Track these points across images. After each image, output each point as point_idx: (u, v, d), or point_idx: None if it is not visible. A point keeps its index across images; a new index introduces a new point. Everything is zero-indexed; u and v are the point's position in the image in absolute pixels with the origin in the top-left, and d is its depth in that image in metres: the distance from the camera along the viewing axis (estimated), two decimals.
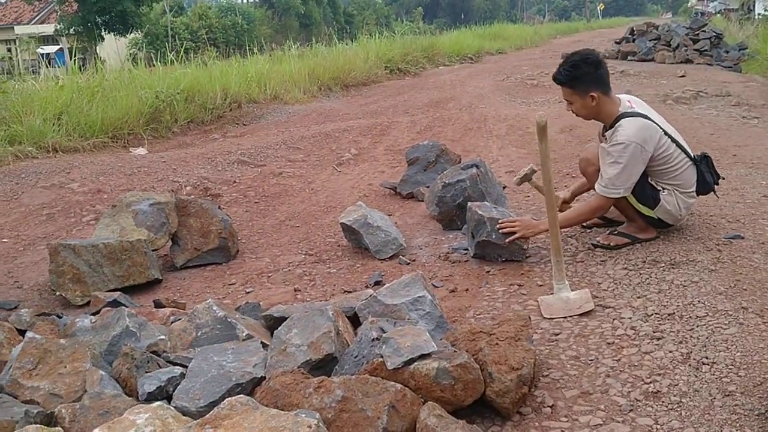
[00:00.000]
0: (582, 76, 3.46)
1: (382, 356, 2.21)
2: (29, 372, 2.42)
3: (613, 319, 2.86)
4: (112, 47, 28.25)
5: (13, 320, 2.94)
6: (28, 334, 2.62)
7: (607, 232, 3.79)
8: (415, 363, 2.17)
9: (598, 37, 31.94)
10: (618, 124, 3.48)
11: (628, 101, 3.59)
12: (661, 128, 3.52)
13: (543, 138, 2.95)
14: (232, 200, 5.52)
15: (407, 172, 5.30)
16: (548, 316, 2.95)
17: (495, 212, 3.65)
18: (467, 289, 3.35)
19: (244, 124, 9.78)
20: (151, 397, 2.26)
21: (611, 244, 3.66)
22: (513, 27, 36.00)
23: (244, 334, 2.67)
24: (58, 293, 3.70)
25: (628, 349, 2.60)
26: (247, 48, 14.15)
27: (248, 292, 3.66)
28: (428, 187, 4.93)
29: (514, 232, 3.52)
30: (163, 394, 2.30)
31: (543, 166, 3.04)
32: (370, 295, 2.77)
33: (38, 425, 2.08)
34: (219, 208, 4.40)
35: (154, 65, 11.43)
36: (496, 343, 2.30)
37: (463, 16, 59.11)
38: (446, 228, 4.33)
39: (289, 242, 4.47)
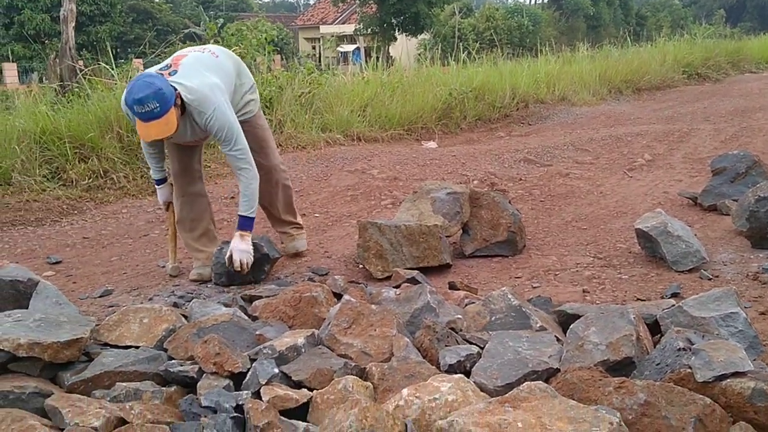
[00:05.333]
0: None
1: (690, 367, 2.10)
2: (344, 330, 2.71)
3: None
4: (402, 47, 30.09)
5: (330, 284, 3.31)
6: (345, 297, 2.94)
7: None
8: (728, 380, 2.04)
9: None
10: None
11: None
12: None
13: None
14: (518, 197, 5.59)
15: (711, 183, 4.91)
16: None
17: None
18: None
19: (530, 124, 9.82)
20: (450, 369, 2.40)
21: None
22: None
23: (538, 325, 2.71)
24: (361, 265, 4.09)
25: None
26: (538, 49, 14.13)
27: (535, 287, 3.69)
28: (735, 200, 4.52)
29: None
30: (461, 368, 2.43)
31: None
32: (674, 305, 2.64)
33: (354, 377, 2.33)
34: (509, 202, 4.49)
35: (443, 65, 11.96)
36: None
37: None
38: (756, 246, 3.94)
39: (576, 243, 4.41)
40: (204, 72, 3.58)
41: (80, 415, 2.11)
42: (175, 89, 3.38)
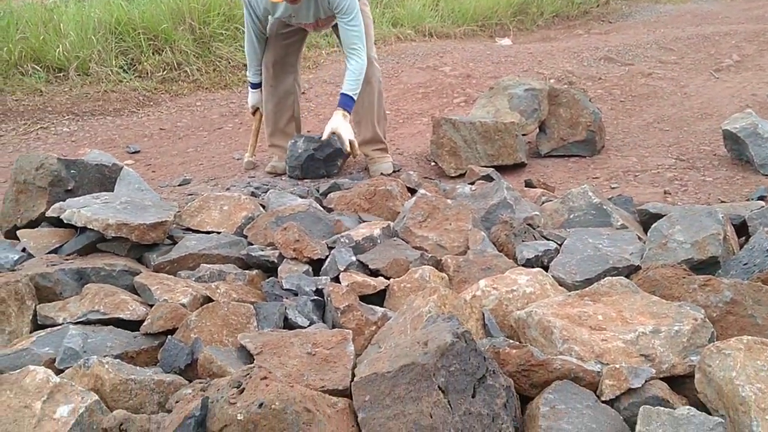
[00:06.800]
0: None
1: None
2: (419, 223, 2.72)
3: None
4: None
5: (404, 179, 3.30)
6: (420, 191, 2.94)
7: None
8: None
9: None
10: None
11: None
12: None
13: None
14: (597, 97, 5.38)
15: None
16: None
17: None
18: None
19: (610, 22, 9.33)
20: (528, 264, 2.39)
21: None
22: None
23: (619, 224, 2.66)
24: (433, 163, 4.05)
25: None
26: None
27: (613, 188, 3.60)
28: None
29: None
30: (539, 263, 2.41)
31: None
32: (764, 206, 2.53)
33: (431, 267, 2.35)
34: (590, 100, 4.32)
35: None
36: None
37: None
38: None
39: (657, 145, 4.25)
40: None
41: (168, 292, 2.21)
42: None
